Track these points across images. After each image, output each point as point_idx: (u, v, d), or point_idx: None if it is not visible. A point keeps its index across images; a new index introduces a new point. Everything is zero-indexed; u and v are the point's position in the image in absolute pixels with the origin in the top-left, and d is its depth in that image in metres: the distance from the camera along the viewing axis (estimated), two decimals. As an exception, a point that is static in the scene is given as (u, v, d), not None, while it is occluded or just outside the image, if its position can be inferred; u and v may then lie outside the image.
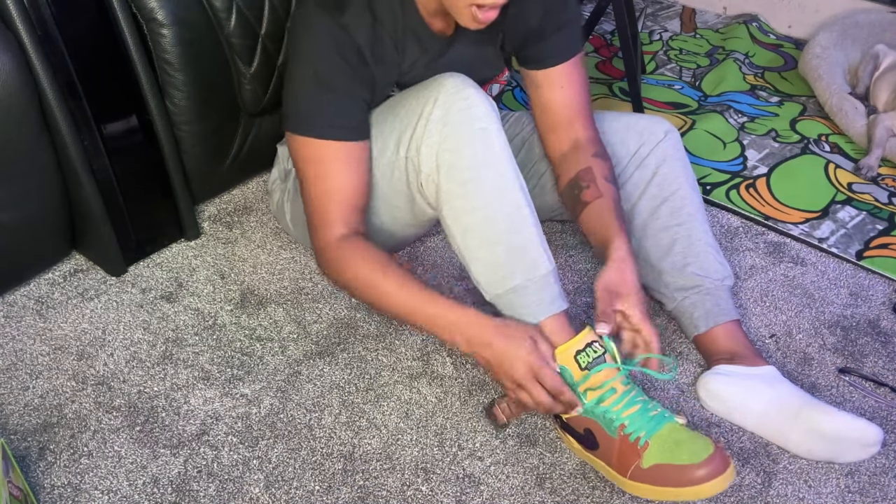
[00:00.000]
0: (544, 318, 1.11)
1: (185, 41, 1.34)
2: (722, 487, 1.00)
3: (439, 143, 1.11)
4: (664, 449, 1.02)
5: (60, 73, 1.23)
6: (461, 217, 1.13)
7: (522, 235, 1.12)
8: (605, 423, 1.07)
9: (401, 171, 1.17)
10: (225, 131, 1.50)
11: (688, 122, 1.96)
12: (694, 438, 1.03)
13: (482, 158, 1.11)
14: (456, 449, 1.16)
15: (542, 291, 1.12)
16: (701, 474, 0.99)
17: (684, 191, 1.31)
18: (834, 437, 1.11)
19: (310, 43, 1.14)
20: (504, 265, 1.12)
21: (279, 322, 1.35)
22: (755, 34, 2.41)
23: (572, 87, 1.29)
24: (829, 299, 1.43)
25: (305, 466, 1.13)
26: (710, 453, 1.00)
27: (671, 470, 1.01)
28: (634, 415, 1.06)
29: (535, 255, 1.12)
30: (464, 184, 1.11)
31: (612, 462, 1.06)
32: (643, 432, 1.04)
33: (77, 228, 1.42)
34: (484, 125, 1.11)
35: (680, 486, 1.00)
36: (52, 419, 1.18)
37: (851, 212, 1.67)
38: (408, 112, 1.15)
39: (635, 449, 1.04)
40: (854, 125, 1.88)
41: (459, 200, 1.12)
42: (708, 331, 1.26)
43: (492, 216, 1.11)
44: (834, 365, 1.30)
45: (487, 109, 1.12)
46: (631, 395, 1.07)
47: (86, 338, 1.31)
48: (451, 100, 1.11)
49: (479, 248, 1.13)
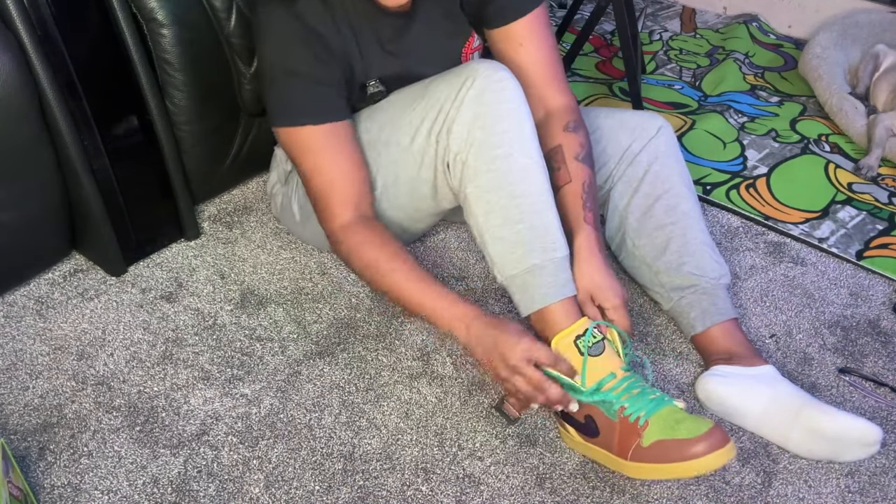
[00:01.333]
0: (557, 300, 1.12)
1: (185, 41, 1.33)
2: (722, 461, 1.00)
3: (472, 121, 1.13)
4: (664, 426, 1.03)
5: (60, 73, 1.23)
6: (486, 195, 1.14)
7: (544, 217, 1.14)
8: (605, 406, 1.07)
9: (430, 156, 1.19)
10: (225, 131, 1.50)
11: (688, 122, 1.95)
12: (693, 418, 1.04)
13: (512, 138, 1.13)
14: (456, 449, 1.15)
15: (557, 273, 1.13)
16: (700, 448, 0.99)
17: (678, 188, 1.30)
18: (834, 436, 1.11)
19: (270, 36, 1.18)
20: (524, 243, 1.13)
21: (279, 322, 1.35)
22: (755, 34, 2.40)
23: (533, 43, 1.26)
24: (830, 299, 1.43)
25: (305, 466, 1.12)
26: (710, 427, 1.01)
27: (671, 445, 1.01)
28: (635, 397, 1.06)
29: (554, 238, 1.14)
30: (492, 160, 1.13)
31: (613, 446, 1.06)
32: (643, 412, 1.05)
33: (77, 228, 1.42)
34: (516, 106, 1.14)
35: (680, 461, 1.00)
36: (52, 419, 1.18)
37: (851, 212, 1.66)
38: (438, 95, 1.17)
39: (635, 428, 1.04)
40: (854, 125, 1.88)
41: (486, 177, 1.14)
42: (705, 330, 1.26)
43: (517, 194, 1.13)
44: (834, 365, 1.30)
45: (519, 93, 1.15)
46: (631, 381, 1.08)
47: (86, 338, 1.31)
48: (487, 81, 1.13)
49: (501, 226, 1.14)
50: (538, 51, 1.27)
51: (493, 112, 1.13)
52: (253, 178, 1.66)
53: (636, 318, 1.35)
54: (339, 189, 1.19)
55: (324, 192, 1.20)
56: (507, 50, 1.28)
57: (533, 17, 1.26)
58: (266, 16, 1.18)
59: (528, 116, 1.16)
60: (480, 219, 1.16)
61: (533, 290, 1.13)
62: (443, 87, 1.17)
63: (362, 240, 1.18)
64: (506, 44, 1.27)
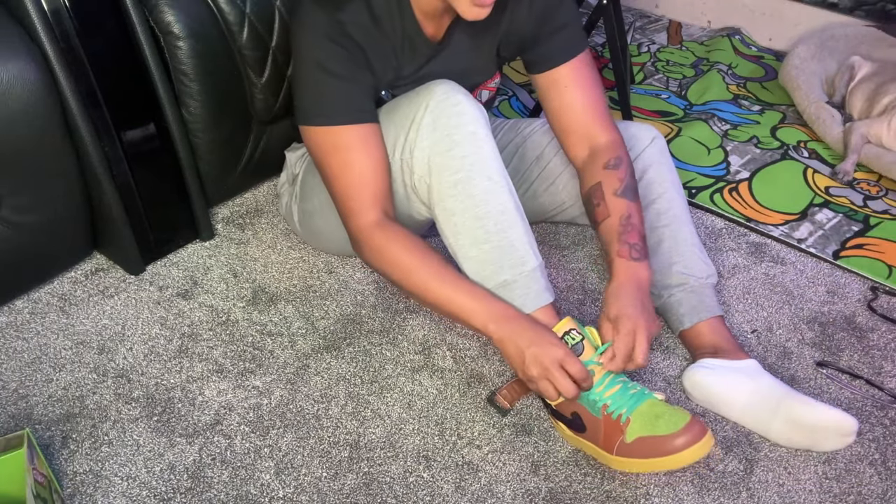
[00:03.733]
0: (532, 310, 1.12)
1: (199, 53, 1.33)
2: (702, 453, 1.01)
3: (431, 147, 1.11)
4: (644, 423, 1.03)
5: (82, 83, 1.23)
6: (452, 217, 1.13)
7: (510, 234, 1.12)
8: (589, 404, 1.07)
9: (397, 172, 1.17)
10: (238, 138, 1.50)
11: (674, 130, 1.95)
12: (672, 411, 1.04)
13: (472, 161, 1.11)
14: (455, 438, 1.15)
15: (529, 286, 1.12)
16: (680, 442, 1.00)
17: (670, 194, 1.30)
18: (812, 427, 1.11)
19: (309, 37, 1.13)
20: (493, 262, 1.12)
21: (289, 318, 1.35)
22: (738, 46, 2.40)
23: (578, 87, 1.23)
24: (808, 297, 1.43)
25: (313, 454, 1.13)
26: (687, 422, 1.01)
27: (652, 441, 1.01)
28: (616, 394, 1.06)
29: (522, 253, 1.12)
30: (454, 185, 1.11)
31: (600, 441, 1.07)
32: (624, 409, 1.05)
33: (98, 230, 1.42)
34: (473, 129, 1.11)
35: (662, 456, 1.01)
36: (74, 410, 1.18)
37: (829, 214, 1.66)
38: (401, 117, 1.15)
39: (618, 426, 1.04)
40: (831, 132, 1.88)
41: (450, 201, 1.12)
42: (692, 326, 1.26)
43: (481, 216, 1.11)
44: (812, 358, 1.30)
45: (476, 114, 1.12)
46: (611, 377, 1.07)
47: (106, 333, 1.31)
48: (441, 106, 1.11)
49: (470, 246, 1.13)
50: (584, 93, 1.23)
51: (449, 138, 1.10)
52: (263, 182, 1.66)
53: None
54: (369, 187, 1.14)
55: (353, 190, 1.14)
56: (552, 94, 1.25)
57: (577, 62, 1.23)
58: (307, 16, 1.13)
59: (487, 136, 1.12)
60: (451, 238, 1.14)
61: (510, 303, 1.11)
62: (404, 108, 1.14)
63: (390, 238, 1.13)
64: (551, 89, 1.25)
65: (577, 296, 1.41)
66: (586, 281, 1.44)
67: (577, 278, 1.45)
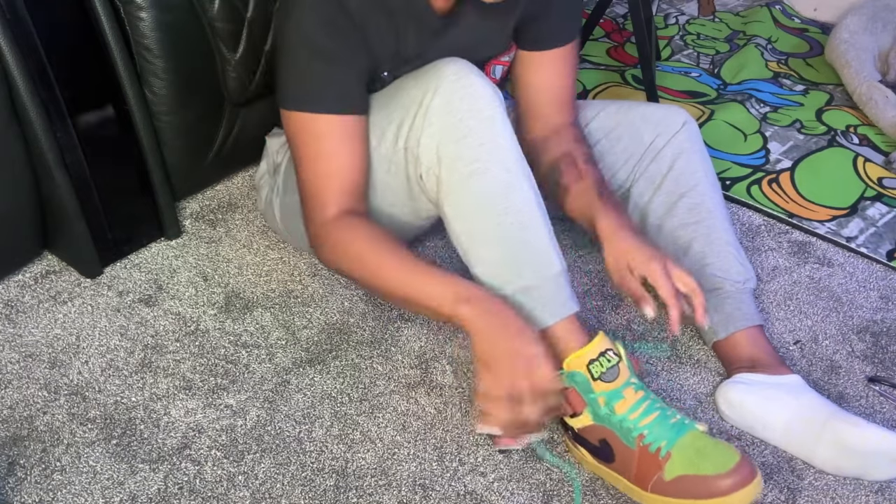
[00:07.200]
0: (556, 320, 1.11)
1: (164, 25, 1.34)
2: (751, 498, 1.01)
3: (441, 134, 1.11)
4: (687, 459, 1.03)
5: (31, 59, 1.23)
6: (464, 214, 1.13)
7: (531, 233, 1.12)
8: (623, 432, 1.06)
9: (399, 163, 1.17)
10: (208, 122, 1.50)
11: (706, 113, 1.96)
12: (718, 447, 1.04)
13: (489, 150, 1.10)
14: (457, 464, 1.16)
15: (552, 292, 1.12)
16: (727, 485, 1.00)
17: (703, 186, 1.31)
18: (863, 451, 1.11)
19: (301, 15, 1.13)
20: (512, 264, 1.11)
21: (266, 327, 1.35)
22: (778, 18, 2.41)
23: (565, 72, 1.32)
24: (858, 303, 1.43)
25: (295, 483, 1.13)
26: (736, 462, 1.01)
27: (696, 481, 1.01)
28: (653, 423, 1.05)
29: (545, 254, 1.12)
30: (467, 178, 1.11)
31: (631, 475, 1.06)
32: (664, 442, 1.04)
33: (49, 227, 1.42)
34: (489, 114, 1.11)
35: (705, 498, 1.01)
36: (22, 432, 1.18)
37: (882, 209, 1.67)
38: (407, 100, 1.15)
39: (656, 460, 1.04)
40: (885, 115, 1.88)
41: (463, 196, 1.12)
42: (728, 336, 1.26)
43: (499, 212, 1.11)
44: (863, 373, 1.30)
45: (492, 97, 1.12)
46: (648, 403, 1.07)
47: (58, 344, 1.31)
48: (453, 88, 1.11)
49: (484, 246, 1.12)
50: (567, 80, 1.32)
51: (463, 123, 1.10)
52: (238, 172, 1.66)
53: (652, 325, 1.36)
54: (337, 179, 1.15)
55: (320, 181, 1.16)
56: (536, 72, 1.32)
57: (571, 46, 1.31)
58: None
59: (504, 121, 1.12)
60: (462, 238, 1.14)
61: (529, 312, 1.10)
62: (410, 91, 1.15)
63: (350, 234, 1.14)
64: (538, 68, 1.32)
65: (596, 302, 1.41)
66: (605, 285, 1.45)
67: (596, 282, 1.45)
